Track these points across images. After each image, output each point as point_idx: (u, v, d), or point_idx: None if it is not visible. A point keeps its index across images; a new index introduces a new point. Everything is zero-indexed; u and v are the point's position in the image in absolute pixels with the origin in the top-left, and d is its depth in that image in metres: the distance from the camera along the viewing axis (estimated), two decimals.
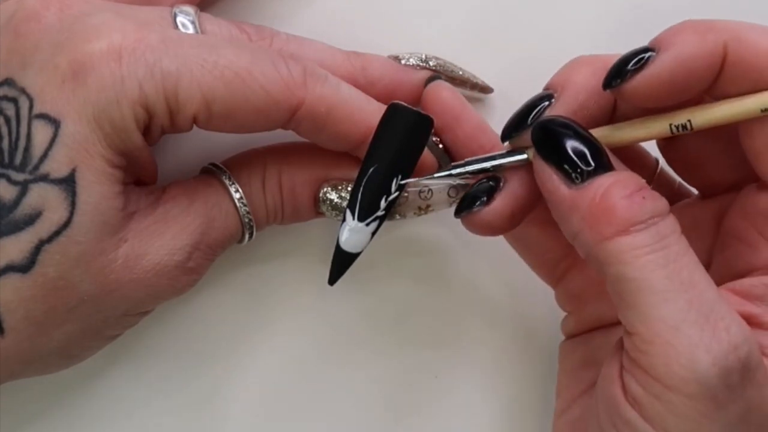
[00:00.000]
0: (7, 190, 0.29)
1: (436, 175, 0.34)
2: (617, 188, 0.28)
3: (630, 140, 0.31)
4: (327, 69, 0.33)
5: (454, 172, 0.33)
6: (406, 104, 0.33)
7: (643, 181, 0.29)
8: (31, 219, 0.29)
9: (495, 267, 0.40)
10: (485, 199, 0.32)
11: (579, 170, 0.29)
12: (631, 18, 0.40)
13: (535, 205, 0.32)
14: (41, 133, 0.29)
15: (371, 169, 0.33)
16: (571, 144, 0.29)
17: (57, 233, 0.29)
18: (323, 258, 0.39)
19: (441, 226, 0.40)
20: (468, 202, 0.33)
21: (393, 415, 0.40)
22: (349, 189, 0.34)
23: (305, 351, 0.40)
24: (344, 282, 0.34)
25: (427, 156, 0.34)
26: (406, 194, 0.34)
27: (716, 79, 0.29)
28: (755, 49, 0.28)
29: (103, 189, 0.30)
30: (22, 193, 0.29)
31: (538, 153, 0.30)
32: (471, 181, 0.34)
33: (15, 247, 0.29)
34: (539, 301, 0.39)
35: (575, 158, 0.29)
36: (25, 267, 0.29)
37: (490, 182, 0.32)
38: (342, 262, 0.34)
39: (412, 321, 0.40)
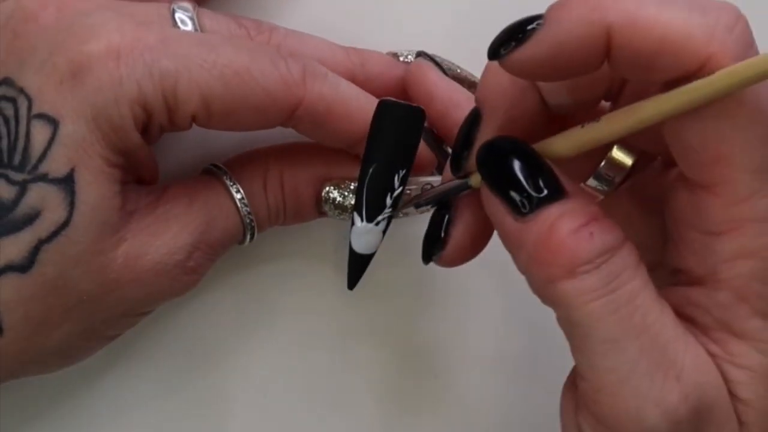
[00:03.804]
0: (6, 190, 0.29)
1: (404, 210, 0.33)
2: (565, 222, 0.25)
3: (568, 151, 0.28)
4: (326, 65, 0.33)
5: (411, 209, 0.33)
6: (395, 99, 0.33)
7: (596, 208, 0.26)
8: (30, 219, 0.29)
9: (496, 267, 0.40)
10: (443, 235, 0.30)
11: (527, 196, 0.26)
12: None
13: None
14: (40, 133, 0.29)
15: (371, 169, 0.32)
16: (515, 168, 0.26)
17: (56, 233, 0.29)
18: (324, 259, 0.39)
19: None
20: (425, 245, 0.31)
21: (393, 415, 0.40)
22: (352, 187, 0.34)
23: (305, 352, 0.40)
24: (344, 282, 0.34)
25: (423, 150, 0.34)
26: (409, 191, 0.34)
27: (610, 61, 0.25)
28: (644, 34, 0.24)
29: (102, 188, 0.30)
30: (21, 193, 0.29)
31: (484, 181, 0.27)
32: None
33: (14, 246, 0.29)
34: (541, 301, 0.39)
35: (522, 184, 0.26)
36: (24, 267, 0.29)
37: (445, 214, 0.30)
38: (358, 265, 0.34)
39: (412, 321, 0.40)
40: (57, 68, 0.29)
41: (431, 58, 0.37)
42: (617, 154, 0.30)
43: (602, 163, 0.30)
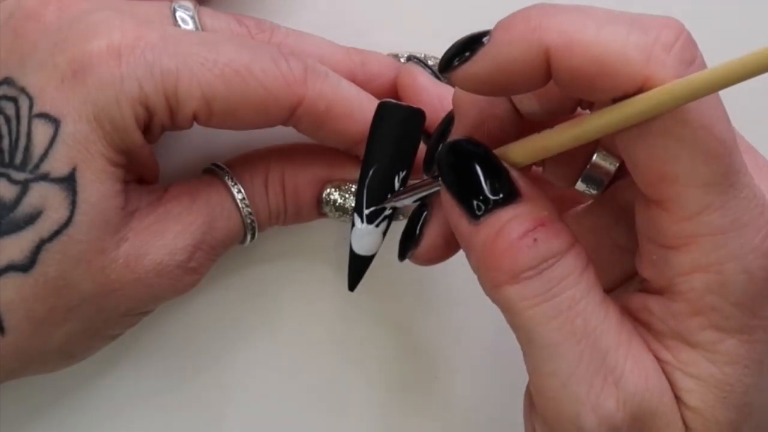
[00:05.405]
0: (8, 189, 0.29)
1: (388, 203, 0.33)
2: (512, 227, 0.26)
3: (526, 158, 0.28)
4: (326, 64, 0.33)
5: (391, 203, 0.32)
6: (394, 101, 0.33)
7: (546, 212, 0.26)
8: (32, 218, 0.29)
9: None
10: (418, 233, 0.30)
11: (482, 199, 0.26)
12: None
13: None
14: (41, 132, 0.29)
15: (371, 171, 0.32)
16: (470, 171, 0.27)
17: (58, 232, 0.29)
18: (325, 259, 0.39)
19: None
20: (402, 241, 0.31)
21: (393, 415, 0.40)
22: (353, 189, 0.34)
23: (305, 351, 0.40)
24: (345, 283, 0.34)
25: (423, 152, 0.34)
26: None
27: (554, 80, 0.25)
28: (581, 57, 0.24)
29: (104, 188, 0.30)
30: (23, 193, 0.29)
31: (442, 182, 0.27)
32: None
33: (16, 246, 0.29)
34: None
35: (475, 187, 0.26)
36: (25, 266, 0.29)
37: (423, 212, 0.31)
38: (358, 266, 0.34)
39: (413, 322, 0.40)
40: (58, 67, 0.29)
41: (422, 62, 0.36)
42: (598, 159, 0.30)
43: (587, 167, 0.30)
